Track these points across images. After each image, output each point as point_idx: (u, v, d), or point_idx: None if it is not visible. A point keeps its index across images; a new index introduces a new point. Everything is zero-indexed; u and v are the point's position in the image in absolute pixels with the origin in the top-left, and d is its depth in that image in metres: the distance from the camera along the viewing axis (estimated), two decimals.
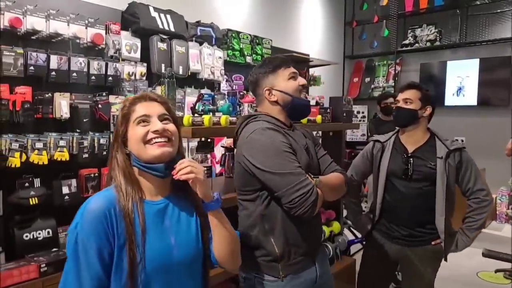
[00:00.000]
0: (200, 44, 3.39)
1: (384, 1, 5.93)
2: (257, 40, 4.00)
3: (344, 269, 2.81)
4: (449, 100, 5.84)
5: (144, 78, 2.93)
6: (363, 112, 6.57)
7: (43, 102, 2.34)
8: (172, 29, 3.16)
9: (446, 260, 2.10)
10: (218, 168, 3.03)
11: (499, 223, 5.41)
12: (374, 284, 2.25)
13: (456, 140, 2.19)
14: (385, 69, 6.56)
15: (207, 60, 3.41)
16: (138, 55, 2.94)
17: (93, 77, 2.58)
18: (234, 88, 3.63)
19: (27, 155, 2.26)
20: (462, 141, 5.60)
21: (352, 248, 3.69)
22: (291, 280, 1.47)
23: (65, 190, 2.43)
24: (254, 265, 1.48)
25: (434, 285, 2.14)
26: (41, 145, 2.30)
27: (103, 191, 1.06)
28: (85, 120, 2.53)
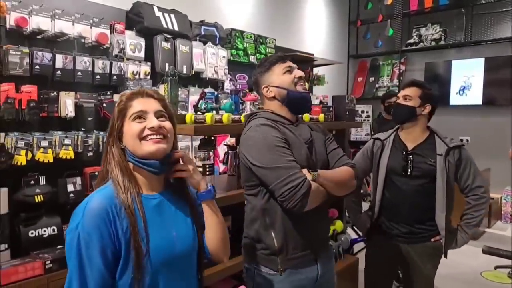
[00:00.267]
0: (204, 44, 3.41)
1: (389, 0, 5.90)
2: (261, 40, 4.01)
3: (347, 268, 2.81)
4: (454, 100, 5.82)
5: (148, 77, 2.96)
6: (367, 112, 6.55)
7: (49, 101, 2.37)
8: (176, 29, 3.19)
9: (446, 257, 2.11)
10: (222, 167, 3.05)
11: (504, 223, 5.38)
12: (378, 283, 2.26)
13: (461, 141, 2.19)
14: (390, 69, 6.54)
15: (211, 60, 3.43)
16: (143, 55, 2.96)
17: (98, 76, 2.61)
18: (238, 87, 3.64)
19: (33, 153, 2.29)
20: (467, 141, 5.57)
21: (355, 247, 3.69)
22: (290, 275, 1.48)
23: (70, 188, 2.45)
24: (255, 257, 1.51)
25: (438, 284, 2.14)
26: (47, 143, 2.33)
27: (100, 190, 1.06)
28: (90, 119, 2.56)
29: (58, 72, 2.42)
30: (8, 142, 2.21)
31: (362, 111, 6.54)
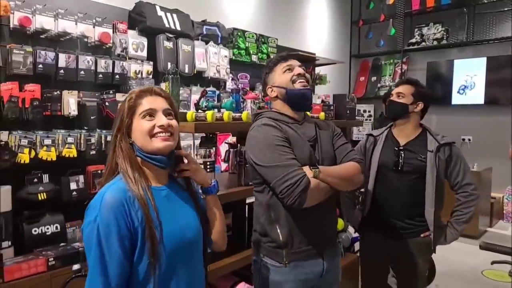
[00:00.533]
0: (206, 43, 3.43)
1: (391, 0, 5.92)
2: (263, 39, 4.02)
3: (348, 266, 2.82)
4: (456, 99, 5.81)
5: (151, 76, 2.98)
6: (369, 111, 6.55)
7: (52, 100, 2.40)
8: (178, 28, 3.21)
9: (435, 252, 2.14)
10: (224, 166, 3.06)
11: (506, 223, 5.38)
12: (373, 277, 2.28)
13: (463, 140, 2.22)
14: (392, 68, 6.54)
15: (213, 59, 3.45)
16: (145, 54, 2.98)
17: (101, 75, 2.63)
18: (239, 87, 3.66)
19: (36, 152, 2.31)
20: (469, 140, 5.57)
21: (356, 245, 3.69)
22: (295, 268, 1.51)
23: (73, 186, 2.48)
24: (262, 250, 1.56)
25: (439, 282, 2.15)
26: (50, 142, 2.36)
27: (112, 184, 1.11)
28: (93, 118, 2.58)
29: (61, 71, 2.44)
30: (12, 141, 2.24)
31: (364, 111, 6.54)
